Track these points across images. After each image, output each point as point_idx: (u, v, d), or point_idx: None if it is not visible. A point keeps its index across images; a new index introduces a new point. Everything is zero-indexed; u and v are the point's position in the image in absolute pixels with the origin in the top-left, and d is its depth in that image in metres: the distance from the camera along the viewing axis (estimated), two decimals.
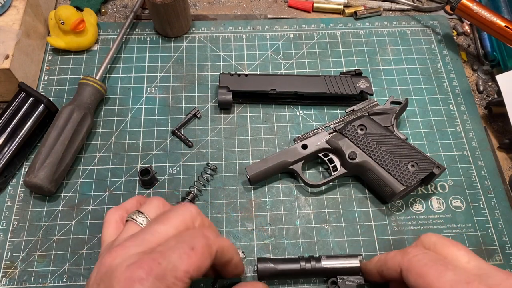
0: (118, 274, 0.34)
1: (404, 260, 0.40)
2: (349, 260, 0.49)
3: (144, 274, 0.33)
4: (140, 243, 0.36)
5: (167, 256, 0.35)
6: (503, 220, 0.55)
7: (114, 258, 0.35)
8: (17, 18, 0.59)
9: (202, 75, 0.65)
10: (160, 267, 0.34)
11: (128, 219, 0.41)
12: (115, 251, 0.36)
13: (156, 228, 0.38)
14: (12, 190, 0.56)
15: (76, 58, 0.66)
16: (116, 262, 0.35)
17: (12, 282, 0.50)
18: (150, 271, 0.33)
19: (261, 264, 0.48)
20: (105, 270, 0.35)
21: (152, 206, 0.42)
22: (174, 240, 0.37)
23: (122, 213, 0.43)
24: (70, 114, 0.55)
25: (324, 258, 0.49)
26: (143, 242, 0.36)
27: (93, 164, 0.58)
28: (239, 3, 0.73)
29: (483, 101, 0.65)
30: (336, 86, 0.60)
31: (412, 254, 0.40)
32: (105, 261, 0.35)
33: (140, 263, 0.34)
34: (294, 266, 0.48)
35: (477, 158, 0.59)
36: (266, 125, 0.61)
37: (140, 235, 0.37)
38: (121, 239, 0.38)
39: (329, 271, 0.48)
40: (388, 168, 0.53)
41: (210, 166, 0.56)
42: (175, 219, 0.39)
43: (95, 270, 0.36)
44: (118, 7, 0.72)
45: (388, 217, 0.55)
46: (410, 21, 0.71)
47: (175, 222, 0.38)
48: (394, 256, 0.41)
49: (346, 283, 0.48)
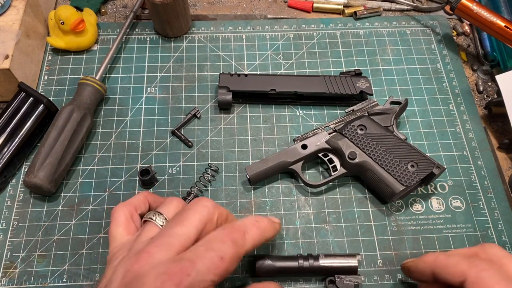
0: (147, 283, 0.34)
1: (471, 272, 0.38)
2: (347, 260, 0.49)
3: (174, 287, 0.33)
4: (165, 248, 0.36)
5: (196, 266, 0.35)
6: (503, 220, 0.55)
7: (142, 266, 0.35)
8: (17, 18, 0.59)
9: (202, 75, 0.65)
10: (189, 279, 0.34)
11: (147, 219, 0.41)
12: (142, 258, 0.36)
13: (177, 231, 0.37)
14: (12, 190, 0.56)
15: (76, 58, 0.66)
16: (144, 269, 0.35)
17: (12, 282, 0.50)
18: (179, 283, 0.34)
19: (259, 261, 0.48)
20: (133, 276, 0.35)
21: (172, 207, 0.42)
22: (203, 247, 0.36)
23: (131, 209, 0.43)
24: (70, 114, 0.55)
25: (322, 256, 0.49)
26: (168, 248, 0.36)
27: (93, 164, 0.58)
28: (239, 3, 0.73)
29: (482, 101, 0.65)
30: (336, 86, 0.60)
31: (481, 267, 0.38)
32: (133, 268, 0.35)
33: (170, 275, 0.34)
34: (292, 264, 0.48)
35: (477, 158, 0.59)
36: (266, 125, 0.61)
37: (164, 239, 0.37)
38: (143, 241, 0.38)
39: (327, 270, 0.49)
40: (388, 168, 0.53)
41: (211, 166, 0.56)
42: (194, 218, 0.38)
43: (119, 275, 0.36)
44: (118, 7, 0.72)
45: (388, 217, 0.55)
46: (410, 21, 0.71)
47: (194, 222, 0.38)
48: (458, 263, 0.40)
49: (344, 282, 0.48)
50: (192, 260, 0.35)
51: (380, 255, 0.52)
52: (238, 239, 0.38)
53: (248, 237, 0.39)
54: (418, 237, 0.53)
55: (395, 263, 0.52)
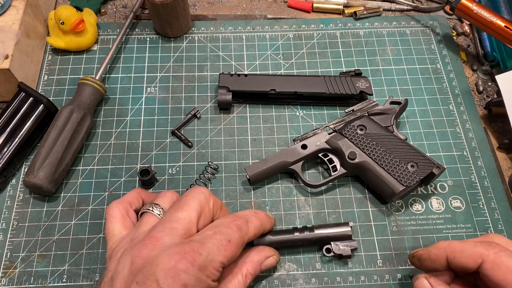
0: (162, 264, 0.34)
1: (490, 253, 0.38)
2: (340, 228, 0.50)
3: (189, 264, 0.34)
4: (170, 232, 0.37)
5: (206, 247, 0.36)
6: (503, 220, 0.55)
7: (151, 250, 0.36)
8: (17, 18, 0.59)
9: (202, 75, 0.65)
10: (201, 258, 0.35)
11: (145, 211, 0.42)
12: (151, 243, 0.36)
13: (178, 215, 0.39)
14: (12, 190, 0.56)
15: (75, 58, 0.66)
16: (154, 253, 0.35)
17: (12, 282, 0.50)
18: (193, 261, 0.35)
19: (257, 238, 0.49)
20: (143, 261, 0.35)
21: (167, 198, 0.43)
22: (211, 231, 0.38)
23: (126, 205, 0.44)
24: (70, 114, 0.55)
25: (317, 227, 0.51)
26: (172, 231, 0.37)
27: (93, 164, 0.58)
28: (238, 3, 0.73)
29: (482, 101, 0.65)
30: (336, 86, 0.60)
31: (499, 248, 0.38)
32: (142, 253, 0.36)
33: (184, 254, 0.35)
34: (289, 236, 0.50)
35: (477, 158, 0.59)
36: (265, 125, 0.61)
37: (167, 224, 0.38)
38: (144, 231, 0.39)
39: (323, 239, 0.50)
40: (388, 168, 0.53)
41: (211, 165, 0.56)
42: (192, 203, 0.40)
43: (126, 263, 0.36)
44: (118, 7, 0.72)
45: (388, 217, 0.55)
46: (410, 21, 0.71)
47: (194, 206, 0.40)
48: (474, 246, 0.40)
49: (340, 247, 0.50)
50: (202, 241, 0.37)
51: (380, 255, 0.52)
52: (242, 225, 0.40)
53: (250, 225, 0.41)
54: (418, 237, 0.53)
55: (395, 263, 0.52)
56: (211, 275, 0.37)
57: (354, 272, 0.51)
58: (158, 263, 0.35)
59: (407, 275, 0.51)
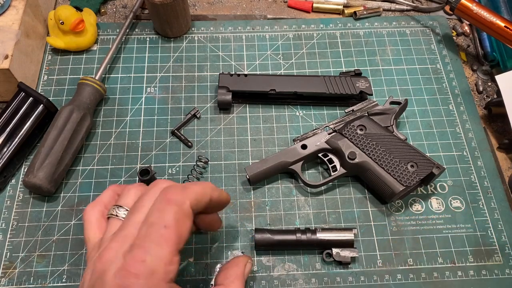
0: (109, 282, 0.33)
1: None
2: (343, 233, 0.50)
3: (133, 279, 0.32)
4: (123, 240, 0.35)
5: (147, 249, 0.33)
6: (503, 220, 0.55)
7: (103, 264, 0.34)
8: (17, 18, 0.59)
9: (202, 75, 0.65)
10: (146, 265, 0.33)
11: (109, 216, 0.39)
12: (103, 256, 0.34)
13: (134, 219, 0.36)
14: (12, 190, 0.56)
15: (75, 58, 0.66)
16: (105, 267, 0.34)
17: (12, 282, 0.50)
18: (137, 275, 0.32)
19: (258, 234, 0.50)
20: (97, 276, 0.34)
21: (130, 197, 0.40)
22: (144, 225, 0.35)
23: (101, 208, 0.41)
24: (70, 114, 0.55)
25: (320, 230, 0.51)
26: (125, 239, 0.35)
27: (93, 164, 0.58)
28: (238, 3, 0.73)
29: (482, 101, 0.65)
30: (336, 86, 0.60)
31: None
32: (96, 267, 0.34)
33: (126, 269, 0.33)
34: (290, 237, 0.50)
35: (477, 158, 0.59)
36: (265, 125, 0.61)
37: (122, 232, 0.36)
38: (107, 238, 0.37)
39: (324, 243, 0.50)
40: (388, 168, 0.53)
41: (201, 159, 0.57)
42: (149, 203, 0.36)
43: (88, 273, 0.35)
44: (118, 7, 0.72)
45: (388, 218, 0.55)
46: (410, 22, 0.71)
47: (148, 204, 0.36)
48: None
49: (340, 255, 0.50)
50: (140, 245, 0.34)
51: (380, 255, 0.52)
52: (174, 196, 0.36)
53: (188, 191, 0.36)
54: (418, 237, 0.53)
55: (395, 263, 0.52)
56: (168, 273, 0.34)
57: (354, 272, 0.51)
58: (105, 280, 0.33)
59: (407, 275, 0.51)
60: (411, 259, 0.52)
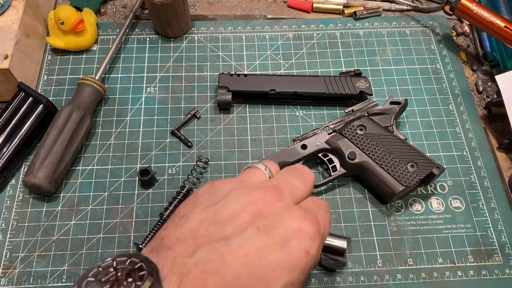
0: (289, 221, 0.32)
1: None
2: (337, 240, 0.48)
3: (316, 233, 0.33)
4: (290, 193, 0.35)
5: (322, 222, 0.35)
6: (503, 220, 0.55)
7: (277, 200, 0.33)
8: (17, 18, 0.59)
9: (202, 75, 0.65)
10: (321, 231, 0.34)
11: (251, 166, 0.39)
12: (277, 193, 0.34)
13: (297, 184, 0.36)
14: (11, 190, 0.56)
15: (75, 58, 0.66)
16: (280, 205, 0.33)
17: (11, 282, 0.50)
18: (318, 232, 0.33)
19: None
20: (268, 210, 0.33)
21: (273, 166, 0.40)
22: (315, 206, 0.36)
23: None
24: (70, 114, 0.55)
25: None
26: (292, 194, 0.35)
27: (93, 164, 0.58)
28: (238, 3, 0.73)
29: (482, 101, 0.65)
30: (336, 86, 0.60)
31: None
32: (266, 200, 0.33)
33: (311, 221, 0.33)
34: None
35: (477, 158, 0.59)
36: (265, 125, 0.61)
37: (286, 185, 0.35)
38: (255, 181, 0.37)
39: None
40: (388, 168, 0.53)
41: (201, 159, 0.56)
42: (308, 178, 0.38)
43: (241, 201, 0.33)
44: (118, 7, 0.72)
45: (388, 218, 0.55)
46: (410, 22, 0.71)
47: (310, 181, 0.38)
48: None
49: (327, 260, 0.49)
50: (320, 216, 0.35)
51: (379, 255, 0.52)
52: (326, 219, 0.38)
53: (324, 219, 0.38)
54: (418, 237, 0.53)
55: (395, 263, 0.52)
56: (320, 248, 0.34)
57: (354, 272, 0.51)
58: (284, 219, 0.32)
59: (407, 275, 0.51)
60: (411, 259, 0.52)
